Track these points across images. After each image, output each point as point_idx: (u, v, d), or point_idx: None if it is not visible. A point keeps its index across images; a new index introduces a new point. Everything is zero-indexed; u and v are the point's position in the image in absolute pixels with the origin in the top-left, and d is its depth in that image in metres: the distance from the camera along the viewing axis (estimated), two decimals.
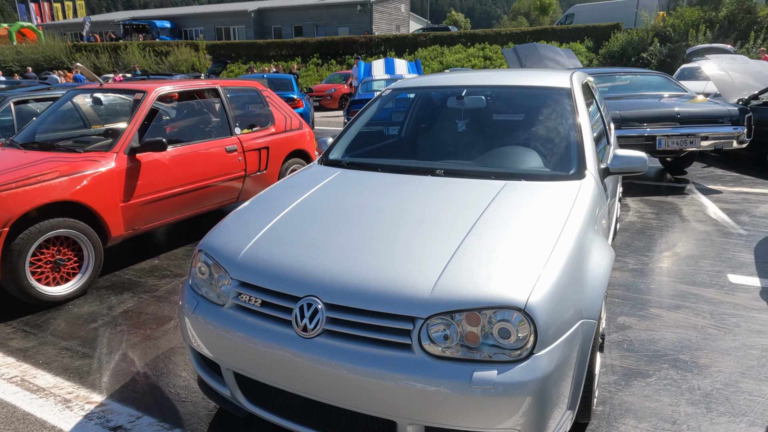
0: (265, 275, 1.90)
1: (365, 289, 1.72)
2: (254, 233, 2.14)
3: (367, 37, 28.30)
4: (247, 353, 1.86)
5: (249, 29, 35.81)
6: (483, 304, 1.61)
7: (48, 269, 3.31)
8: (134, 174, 3.74)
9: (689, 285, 3.47)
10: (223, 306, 1.98)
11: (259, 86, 5.16)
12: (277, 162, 5.04)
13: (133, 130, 3.80)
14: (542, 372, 1.57)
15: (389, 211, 2.16)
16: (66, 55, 27.82)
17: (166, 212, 4.05)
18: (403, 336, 1.65)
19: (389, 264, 1.79)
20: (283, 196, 2.48)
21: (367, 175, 2.63)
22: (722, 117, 6.05)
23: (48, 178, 3.25)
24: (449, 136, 3.05)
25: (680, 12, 22.71)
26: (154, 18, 37.69)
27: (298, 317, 1.77)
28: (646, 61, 20.86)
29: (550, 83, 2.98)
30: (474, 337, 1.62)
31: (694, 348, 2.69)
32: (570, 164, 2.49)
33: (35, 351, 2.80)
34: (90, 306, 3.35)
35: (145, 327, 3.05)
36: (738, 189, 6.12)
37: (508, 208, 2.09)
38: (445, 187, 2.37)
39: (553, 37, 25.39)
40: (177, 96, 4.43)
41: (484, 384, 1.54)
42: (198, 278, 2.16)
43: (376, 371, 1.62)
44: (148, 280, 3.74)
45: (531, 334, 1.59)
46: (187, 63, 27.22)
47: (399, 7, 38.05)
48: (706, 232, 4.55)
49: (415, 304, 1.65)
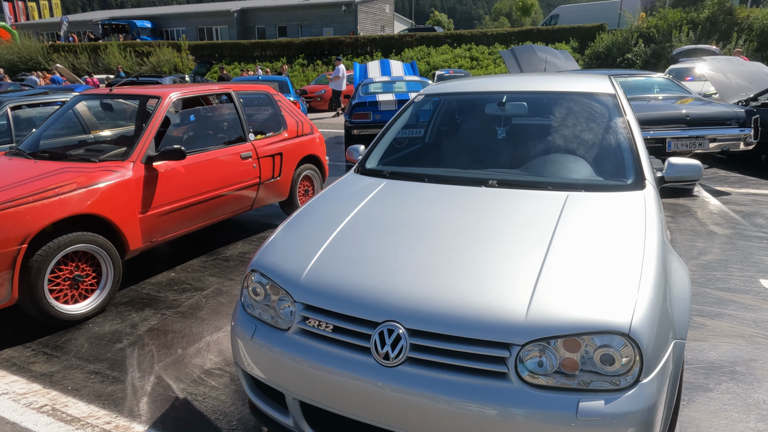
0: (336, 299, 1.78)
1: (452, 313, 1.62)
2: (313, 251, 2.02)
3: (352, 38, 28.16)
4: (318, 382, 1.74)
5: (232, 29, 35.34)
6: (583, 329, 1.52)
7: (66, 286, 3.13)
8: (152, 184, 3.58)
9: (725, 291, 3.44)
10: (288, 331, 1.86)
11: (270, 90, 5.01)
12: (290, 168, 4.90)
13: (149, 138, 3.63)
14: (650, 400, 1.49)
15: (453, 227, 2.06)
16: (43, 56, 27.06)
17: (183, 223, 3.89)
18: (498, 364, 1.55)
19: (474, 285, 1.69)
20: (331, 210, 2.36)
21: (415, 186, 2.52)
22: (730, 119, 6.08)
23: (66, 191, 3.07)
24: (491, 145, 2.96)
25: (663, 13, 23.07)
26: (134, 18, 36.96)
27: (377, 344, 1.66)
28: (630, 61, 21.12)
29: (593, 88, 2.91)
30: (572, 364, 1.53)
31: (747, 359, 2.65)
32: (626, 173, 2.42)
33: (62, 376, 2.63)
34: (111, 324, 3.18)
35: (175, 346, 2.90)
36: (745, 190, 6.16)
37: (580, 223, 2.01)
38: (503, 199, 2.27)
39: (539, 37, 25.56)
40: (191, 101, 4.26)
41: (592, 415, 1.45)
42: (251, 299, 2.03)
43: (471, 402, 1.52)
44: (168, 295, 3.58)
45: (635, 359, 1.50)
46: (169, 64, 26.72)
47: (383, 8, 37.95)
48: (727, 235, 4.55)
49: (510, 329, 1.55)
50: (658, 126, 6.03)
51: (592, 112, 2.80)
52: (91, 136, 4.78)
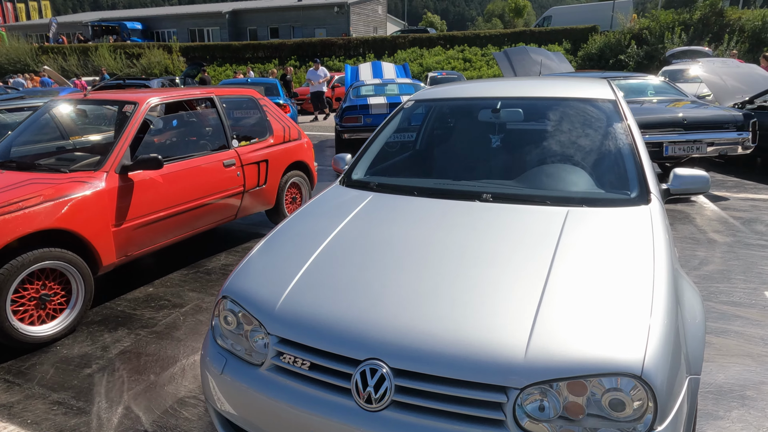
0: (313, 332, 1.60)
1: (442, 351, 1.44)
2: (289, 277, 1.84)
3: (345, 39, 27.98)
4: (293, 425, 1.56)
5: (223, 31, 35.06)
6: (590, 371, 1.35)
7: (32, 306, 2.92)
8: (126, 195, 3.38)
9: (729, 305, 3.28)
10: (261, 366, 1.68)
11: (255, 94, 4.81)
12: (276, 175, 4.71)
13: (124, 146, 3.43)
14: None
15: (444, 248, 1.88)
16: (32, 58, 26.69)
17: (161, 235, 3.69)
18: (494, 410, 1.37)
19: (466, 319, 1.51)
20: (311, 228, 2.18)
21: (403, 200, 2.35)
22: (727, 123, 5.96)
23: (31, 204, 2.87)
24: (485, 154, 2.79)
25: (655, 15, 23.07)
26: (125, 19, 36.59)
27: (359, 384, 1.48)
28: (623, 63, 21.09)
29: (591, 94, 2.75)
30: (578, 409, 1.36)
31: (758, 382, 2.49)
32: (630, 186, 2.25)
33: (22, 407, 2.42)
34: (81, 347, 2.98)
35: (147, 372, 2.70)
36: (743, 195, 6.03)
37: (583, 244, 1.84)
38: (498, 215, 2.10)
39: (531, 39, 25.49)
40: (170, 107, 4.06)
41: None
42: (223, 330, 1.84)
43: None
44: (144, 313, 3.38)
45: (648, 403, 1.33)
46: (160, 65, 26.42)
47: (376, 9, 37.82)
48: (727, 244, 4.41)
49: (507, 371, 1.38)
50: (655, 130, 5.90)
51: (592, 120, 2.63)
52: (67, 143, 4.57)
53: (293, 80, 16.38)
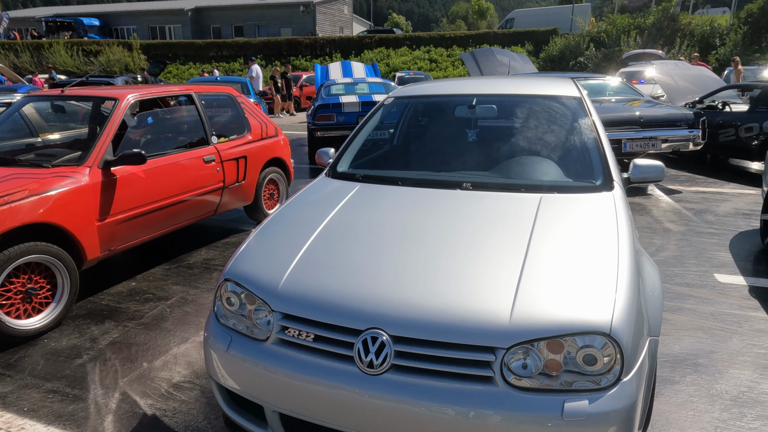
0: (316, 307, 1.74)
1: (437, 319, 1.61)
2: (289, 258, 1.97)
3: (311, 39, 27.93)
4: (299, 393, 1.69)
5: (186, 28, 34.39)
6: (566, 331, 1.54)
7: (18, 300, 2.94)
8: (110, 189, 3.41)
9: (683, 286, 3.58)
10: (266, 341, 1.80)
11: (232, 92, 4.88)
12: (254, 172, 4.79)
13: (106, 141, 3.47)
14: (631, 398, 1.52)
15: (431, 231, 2.05)
16: None
17: (144, 230, 3.73)
18: (484, 368, 1.55)
19: (457, 290, 1.69)
20: (306, 215, 2.31)
21: (389, 189, 2.51)
22: (680, 121, 6.38)
23: (16, 198, 2.88)
24: (462, 147, 2.97)
25: (612, 19, 24.00)
26: (81, 15, 35.40)
27: (361, 352, 1.63)
28: (583, 65, 21.86)
29: (559, 91, 2.98)
30: (556, 365, 1.55)
31: (708, 351, 2.77)
32: (595, 175, 2.48)
33: (16, 397, 2.46)
34: (69, 339, 3.01)
35: (140, 360, 2.77)
36: (695, 188, 6.46)
37: (555, 224, 2.04)
38: (479, 201, 2.29)
39: (495, 41, 26.07)
40: (150, 103, 4.10)
41: (578, 415, 1.47)
42: (226, 311, 1.96)
43: (458, 408, 1.51)
44: (129, 306, 3.42)
45: (616, 358, 1.53)
46: (120, 63, 25.72)
47: (342, 9, 37.84)
48: (681, 232, 4.75)
49: (495, 333, 1.55)
50: (614, 127, 6.25)
51: (560, 115, 2.86)
52: (40, 140, 4.53)
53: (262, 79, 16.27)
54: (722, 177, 7.06)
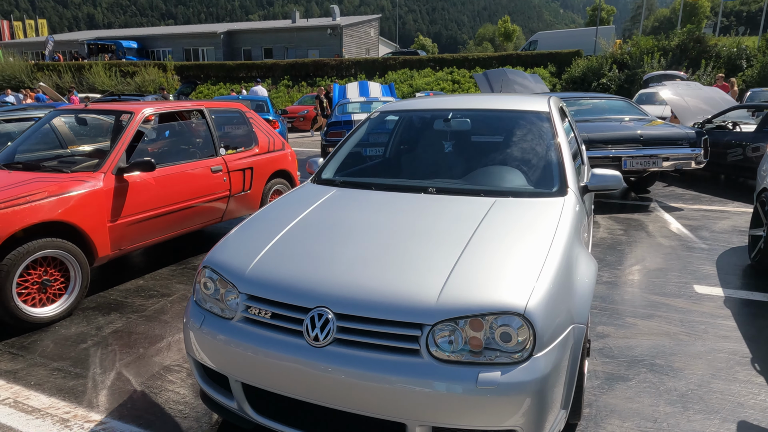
0: (275, 288, 1.98)
1: (374, 299, 1.83)
2: (259, 249, 2.22)
3: (337, 60, 28.68)
4: (257, 364, 1.92)
5: (218, 51, 35.78)
6: (485, 310, 1.74)
7: (35, 290, 3.27)
8: (121, 194, 3.76)
9: (659, 296, 3.69)
10: (232, 320, 2.05)
11: (242, 108, 5.24)
12: (260, 182, 5.10)
13: (120, 150, 3.82)
14: (541, 372, 1.70)
15: (389, 227, 2.28)
16: (27, 75, 27.11)
17: (152, 232, 4.06)
18: (412, 342, 1.76)
19: (396, 275, 1.90)
20: (283, 213, 2.57)
21: (362, 193, 2.75)
22: (681, 139, 6.45)
23: (36, 198, 3.24)
24: (437, 157, 3.21)
25: (636, 40, 23.99)
26: (120, 38, 37.24)
27: (309, 328, 1.85)
28: (605, 86, 21.86)
29: (530, 107, 3.19)
30: (477, 342, 1.74)
31: (668, 353, 2.88)
32: (553, 182, 2.68)
33: (25, 373, 2.76)
34: (77, 327, 3.32)
35: (137, 346, 3.05)
36: (697, 206, 6.50)
37: (501, 223, 2.24)
38: (438, 203, 2.51)
39: (518, 62, 26.32)
40: (164, 117, 4.47)
41: (489, 384, 1.66)
42: (203, 294, 2.21)
43: (387, 376, 1.72)
44: (134, 300, 3.73)
45: (530, 337, 1.72)
46: (154, 84, 26.91)
47: (369, 32, 38.76)
48: (671, 246, 4.84)
49: (422, 311, 1.76)
50: (615, 145, 6.37)
51: (527, 128, 3.07)
52: (68, 151, 4.95)
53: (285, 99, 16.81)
54: (728, 196, 7.07)
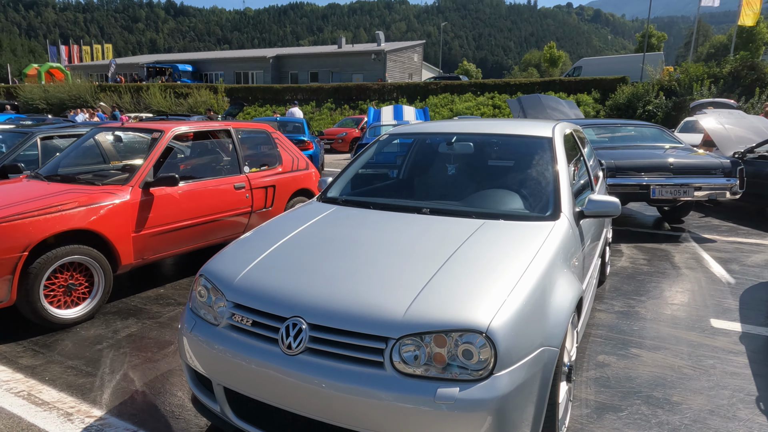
0: (257, 297, 2.09)
1: (345, 311, 1.90)
2: (251, 260, 2.34)
3: (380, 84, 29.25)
4: (236, 369, 2.03)
5: (267, 74, 37.19)
6: (449, 327, 1.78)
7: (60, 293, 3.52)
8: (147, 206, 4.00)
9: (671, 328, 3.58)
10: (218, 326, 2.17)
11: (269, 128, 5.48)
12: (282, 199, 5.29)
13: (148, 165, 4.09)
14: (501, 391, 1.72)
15: (375, 244, 2.36)
16: (90, 95, 29.01)
17: (175, 244, 4.28)
18: (377, 354, 1.82)
19: (368, 290, 1.98)
20: (281, 228, 2.70)
21: (359, 211, 2.85)
22: (715, 169, 6.24)
23: (67, 208, 3.51)
24: (439, 179, 3.28)
25: (685, 67, 23.33)
26: (177, 62, 39.34)
27: (284, 336, 1.95)
28: (651, 113, 21.32)
29: (533, 132, 3.22)
30: (441, 358, 1.78)
31: (668, 386, 2.80)
32: (547, 207, 2.69)
33: (42, 368, 2.97)
34: (96, 329, 3.53)
35: (147, 350, 3.22)
36: (732, 239, 6.24)
37: (483, 244, 2.28)
38: (429, 224, 2.57)
39: (561, 88, 26.07)
40: (192, 135, 4.74)
41: (447, 400, 1.69)
42: (197, 301, 2.35)
43: (350, 386, 1.78)
44: (152, 308, 3.93)
45: (492, 356, 1.75)
46: (205, 105, 28.20)
47: (412, 57, 39.37)
48: (696, 278, 4.67)
49: (388, 325, 1.83)
50: (643, 173, 6.23)
51: (528, 153, 3.10)
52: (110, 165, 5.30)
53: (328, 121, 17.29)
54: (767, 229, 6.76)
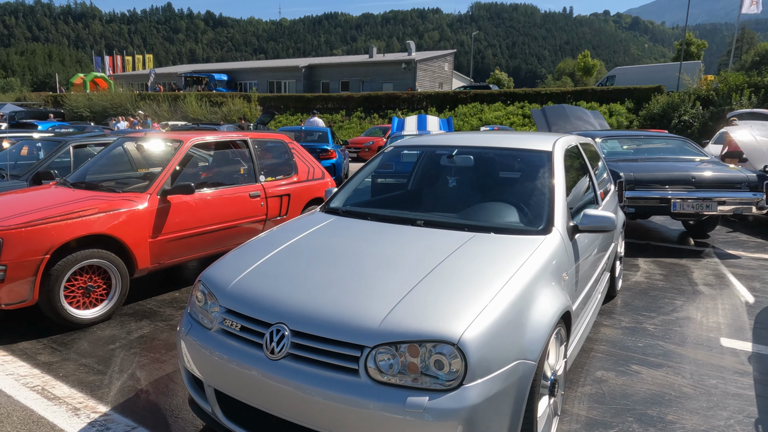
0: (247, 303, 2.19)
1: (325, 318, 1.98)
2: (246, 268, 2.45)
3: (409, 93, 29.40)
4: (225, 372, 2.12)
5: (299, 83, 37.87)
6: (423, 337, 1.84)
7: (79, 294, 3.71)
8: (164, 213, 4.18)
9: (677, 345, 3.51)
10: (211, 329, 2.27)
11: (286, 139, 5.64)
12: (297, 208, 5.42)
13: (166, 174, 4.28)
14: (470, 402, 1.76)
15: (364, 255, 2.43)
16: (131, 103, 30.18)
17: (190, 249, 4.45)
18: (353, 362, 1.88)
19: (349, 299, 2.05)
20: (279, 237, 2.80)
21: (356, 222, 2.92)
22: (740, 183, 6.07)
23: (88, 214, 3.71)
24: (438, 191, 3.33)
25: (724, 76, 22.62)
26: (213, 71, 40.52)
27: (268, 341, 2.03)
28: (687, 123, 20.75)
29: (533, 146, 3.23)
30: (414, 367, 1.83)
31: (664, 405, 2.76)
32: (540, 220, 2.71)
33: (58, 365, 3.15)
34: (111, 330, 3.71)
35: (156, 351, 3.37)
36: (758, 255, 6.04)
37: (469, 257, 2.32)
38: (420, 236, 2.62)
39: (593, 97, 25.65)
40: (210, 145, 4.93)
41: (416, 408, 1.75)
42: (195, 305, 2.46)
43: (326, 392, 1.85)
44: (166, 310, 4.10)
45: (462, 367, 1.79)
46: (239, 113, 28.94)
47: (443, 66, 39.41)
48: (712, 296, 4.55)
49: (364, 333, 1.89)
50: (664, 186, 6.11)
51: (526, 167, 3.12)
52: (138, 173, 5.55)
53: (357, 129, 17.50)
54: None
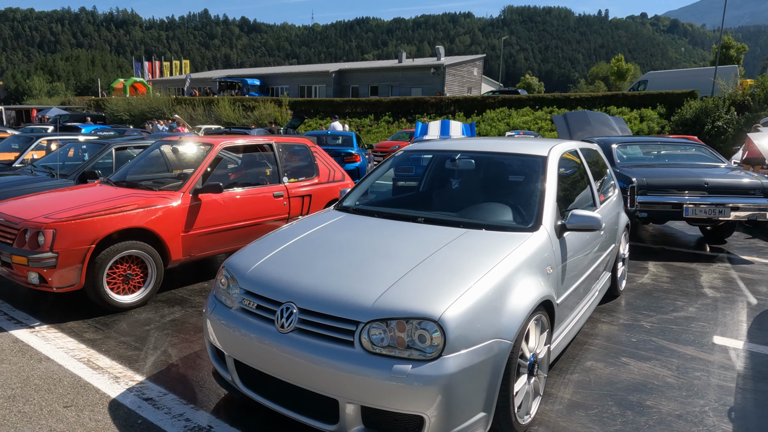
0: (262, 286, 2.53)
1: (327, 298, 2.30)
2: (263, 256, 2.79)
3: (437, 98, 29.62)
4: (243, 344, 2.47)
5: (329, 88, 38.55)
6: (409, 315, 2.14)
7: (120, 281, 4.14)
8: (195, 210, 4.59)
9: (670, 341, 3.69)
10: (232, 308, 2.62)
11: (308, 143, 6.01)
12: (317, 208, 5.77)
13: (198, 175, 4.69)
14: (447, 371, 2.05)
15: (366, 247, 2.74)
16: (167, 107, 31.36)
17: (219, 244, 4.85)
18: (349, 335, 2.19)
19: (349, 283, 2.36)
20: (294, 230, 3.14)
21: (364, 219, 3.24)
22: (753, 189, 6.13)
23: (128, 209, 4.14)
24: (441, 192, 3.61)
25: (761, 81, 22.07)
26: (247, 76, 41.61)
27: (279, 317, 2.36)
28: (721, 129, 20.35)
29: (530, 152, 3.48)
30: (402, 341, 2.13)
31: (646, 392, 2.97)
32: (529, 219, 2.97)
33: (101, 342, 3.56)
34: (147, 314, 4.12)
35: (186, 333, 3.75)
36: None
37: (459, 249, 2.61)
38: (418, 231, 2.92)
39: (624, 102, 25.37)
40: (238, 149, 5.34)
41: (400, 374, 2.04)
42: (219, 288, 2.82)
43: (327, 360, 2.17)
44: (195, 299, 4.50)
45: (442, 340, 2.08)
46: (270, 117, 29.72)
47: (472, 71, 39.47)
48: (714, 298, 4.68)
49: (359, 311, 2.20)
50: (677, 191, 6.22)
51: (522, 170, 3.38)
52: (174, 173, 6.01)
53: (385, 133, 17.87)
54: None
